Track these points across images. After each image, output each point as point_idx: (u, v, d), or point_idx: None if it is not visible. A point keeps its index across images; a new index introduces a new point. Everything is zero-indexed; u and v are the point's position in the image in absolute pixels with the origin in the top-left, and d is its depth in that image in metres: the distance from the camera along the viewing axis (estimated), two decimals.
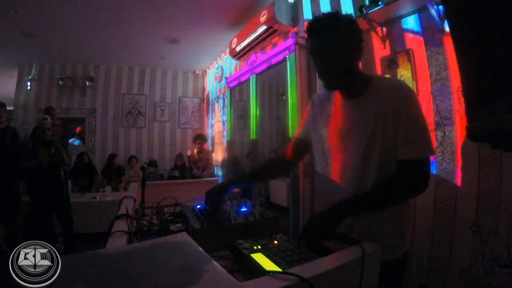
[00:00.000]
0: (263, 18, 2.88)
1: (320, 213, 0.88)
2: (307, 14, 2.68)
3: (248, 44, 3.32)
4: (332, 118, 1.01)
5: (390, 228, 0.93)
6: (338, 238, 0.81)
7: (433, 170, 1.63)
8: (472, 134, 0.59)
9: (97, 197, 3.89)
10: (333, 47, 0.90)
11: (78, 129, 5.31)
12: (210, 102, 5.72)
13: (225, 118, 4.63)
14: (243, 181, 1.31)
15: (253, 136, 3.34)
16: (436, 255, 1.60)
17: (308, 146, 1.14)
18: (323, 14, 0.95)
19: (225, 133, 4.67)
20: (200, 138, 4.69)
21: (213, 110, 5.47)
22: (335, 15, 0.94)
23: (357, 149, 0.91)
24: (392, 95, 0.87)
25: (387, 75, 1.86)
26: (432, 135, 1.64)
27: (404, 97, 0.87)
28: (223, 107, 4.81)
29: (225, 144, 4.69)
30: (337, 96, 1.01)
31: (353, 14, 0.96)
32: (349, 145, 0.94)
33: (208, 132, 5.81)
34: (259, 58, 3.17)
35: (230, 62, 4.52)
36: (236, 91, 4.25)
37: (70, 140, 5.15)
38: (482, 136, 0.58)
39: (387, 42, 1.90)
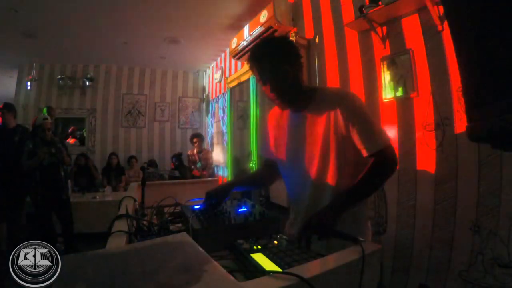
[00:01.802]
0: (263, 18, 2.88)
1: (317, 214, 0.90)
2: (307, 14, 2.68)
3: (248, 44, 3.31)
4: (287, 130, 1.09)
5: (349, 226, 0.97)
6: (338, 236, 0.83)
7: (433, 170, 1.63)
8: (472, 134, 0.59)
9: (97, 197, 3.89)
10: (278, 70, 0.96)
11: (71, 129, 5.29)
12: (210, 102, 5.72)
13: (225, 118, 4.63)
14: (243, 185, 1.35)
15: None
16: (436, 255, 1.60)
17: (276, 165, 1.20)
18: (259, 42, 1.07)
19: (225, 133, 4.67)
20: (197, 137, 4.66)
21: (213, 110, 5.47)
22: (269, 40, 1.07)
23: (313, 154, 1.00)
24: (340, 103, 0.97)
25: (388, 74, 1.87)
26: (432, 135, 1.64)
27: (351, 103, 0.97)
28: (223, 107, 4.81)
29: (224, 144, 4.69)
30: (287, 110, 1.10)
31: (286, 37, 1.10)
32: (306, 153, 1.02)
33: (208, 132, 5.81)
34: None
35: (230, 62, 4.52)
36: (236, 91, 4.25)
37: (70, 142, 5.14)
38: (482, 136, 0.58)
39: (387, 42, 1.90)
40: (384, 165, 0.95)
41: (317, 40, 2.52)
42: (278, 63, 0.97)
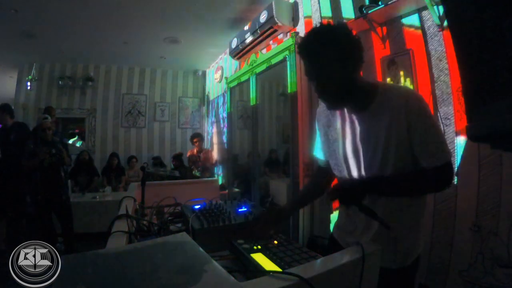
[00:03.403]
0: (263, 18, 2.88)
1: (349, 183, 0.89)
2: (307, 13, 2.68)
3: (248, 44, 3.32)
4: (341, 131, 0.96)
5: (406, 233, 0.91)
6: (364, 211, 0.83)
7: None
8: (472, 134, 0.59)
9: (97, 197, 3.89)
10: (327, 66, 0.83)
11: (77, 131, 5.29)
12: (210, 102, 5.71)
13: (225, 118, 4.63)
14: (300, 204, 1.28)
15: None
16: (436, 255, 1.60)
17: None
18: (311, 30, 0.86)
19: (225, 133, 4.66)
20: (197, 137, 4.66)
21: (213, 110, 5.47)
22: (322, 29, 0.85)
23: (371, 161, 0.89)
24: (403, 106, 0.82)
25: (388, 74, 1.86)
26: None
27: (416, 108, 0.83)
28: (223, 107, 4.81)
29: (224, 144, 4.69)
30: (342, 109, 0.96)
31: (344, 22, 0.87)
32: (362, 158, 0.91)
33: (208, 132, 5.80)
34: (259, 58, 3.17)
35: (230, 62, 4.51)
36: (236, 91, 4.25)
37: (71, 141, 5.14)
38: (482, 136, 0.58)
39: (387, 42, 1.90)
40: (439, 181, 0.86)
41: None
42: (327, 58, 0.82)
